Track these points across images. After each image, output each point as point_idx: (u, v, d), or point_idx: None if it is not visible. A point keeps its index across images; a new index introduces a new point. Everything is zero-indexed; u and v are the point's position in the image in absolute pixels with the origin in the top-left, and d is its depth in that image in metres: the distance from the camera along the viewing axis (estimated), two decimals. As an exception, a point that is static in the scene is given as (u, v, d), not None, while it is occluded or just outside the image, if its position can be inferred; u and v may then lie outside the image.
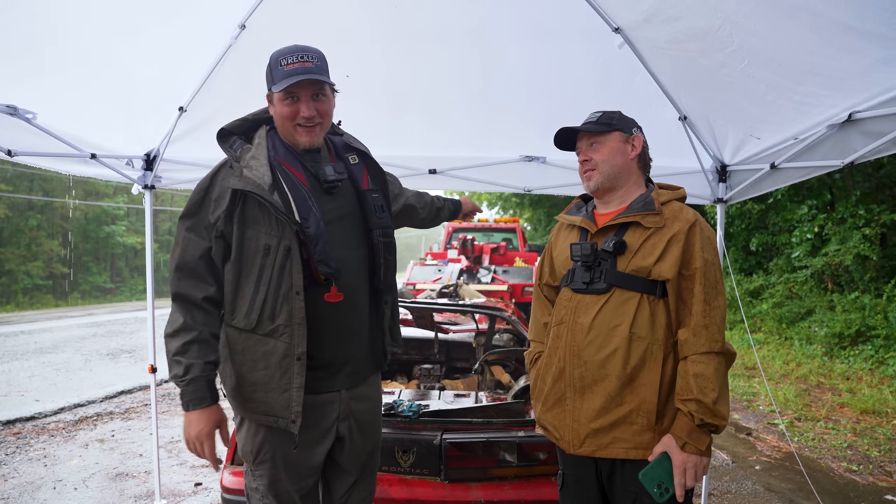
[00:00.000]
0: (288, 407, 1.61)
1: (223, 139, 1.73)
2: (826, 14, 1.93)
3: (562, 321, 1.73)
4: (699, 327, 1.56)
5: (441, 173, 3.69)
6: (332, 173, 1.70)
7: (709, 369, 1.53)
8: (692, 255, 1.61)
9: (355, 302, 1.75)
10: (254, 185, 1.59)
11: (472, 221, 1.85)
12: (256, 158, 1.64)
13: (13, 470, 4.23)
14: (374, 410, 1.87)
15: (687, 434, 1.52)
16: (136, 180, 3.35)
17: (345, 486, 1.83)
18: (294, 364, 1.60)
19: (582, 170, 1.81)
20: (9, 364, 8.45)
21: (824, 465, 4.48)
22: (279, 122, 1.70)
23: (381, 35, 2.75)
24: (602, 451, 1.63)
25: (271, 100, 1.70)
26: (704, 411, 1.50)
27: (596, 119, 1.80)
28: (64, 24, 2.34)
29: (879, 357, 7.14)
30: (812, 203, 9.27)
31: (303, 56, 1.61)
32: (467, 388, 3.39)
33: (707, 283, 1.59)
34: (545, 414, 1.77)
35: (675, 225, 1.64)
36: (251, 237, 1.61)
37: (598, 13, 2.56)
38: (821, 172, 2.79)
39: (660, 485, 1.51)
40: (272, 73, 1.65)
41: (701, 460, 1.53)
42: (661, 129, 3.11)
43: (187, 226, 1.64)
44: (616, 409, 1.61)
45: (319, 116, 1.67)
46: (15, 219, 24.27)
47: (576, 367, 1.67)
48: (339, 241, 1.69)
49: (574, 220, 1.82)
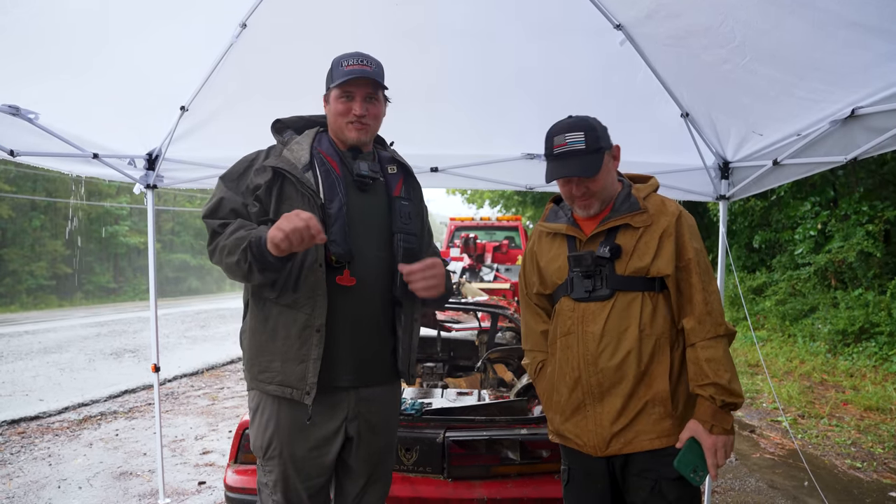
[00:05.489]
0: (303, 378, 1.65)
1: (277, 130, 1.87)
2: (829, 9, 1.93)
3: (569, 331, 1.73)
4: (703, 315, 1.62)
5: (443, 171, 3.69)
6: (366, 170, 1.78)
7: (718, 352, 1.60)
8: (683, 246, 1.66)
9: (369, 296, 1.76)
10: (287, 164, 1.71)
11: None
12: (299, 143, 1.78)
13: (18, 469, 4.25)
14: (386, 413, 1.86)
15: (712, 417, 1.57)
16: (138, 180, 3.36)
17: (356, 487, 1.84)
18: (313, 335, 1.66)
19: (576, 200, 1.71)
20: (13, 364, 8.48)
21: (828, 462, 4.47)
22: (332, 119, 1.79)
23: (382, 33, 2.74)
24: (628, 447, 1.66)
25: (328, 99, 1.81)
26: (723, 392, 1.57)
27: (584, 145, 1.63)
28: (65, 24, 2.35)
29: (883, 354, 7.12)
30: (815, 200, 9.25)
31: (363, 60, 1.74)
32: (470, 387, 3.39)
33: (701, 271, 1.65)
34: (565, 424, 1.76)
35: (663, 220, 1.67)
36: (286, 211, 1.66)
37: (600, 10, 2.55)
38: (824, 169, 2.78)
39: (695, 469, 1.59)
40: (332, 72, 1.77)
41: (729, 439, 1.59)
42: (664, 126, 3.11)
43: (226, 184, 1.76)
44: (634, 404, 1.65)
45: (370, 117, 1.77)
46: (19, 219, 24.37)
47: (592, 375, 1.68)
48: (362, 238, 1.73)
49: (559, 228, 1.80)
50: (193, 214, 34.57)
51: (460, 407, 2.60)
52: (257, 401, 1.77)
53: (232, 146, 3.12)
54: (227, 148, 3.24)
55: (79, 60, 2.58)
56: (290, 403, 1.70)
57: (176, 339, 11.32)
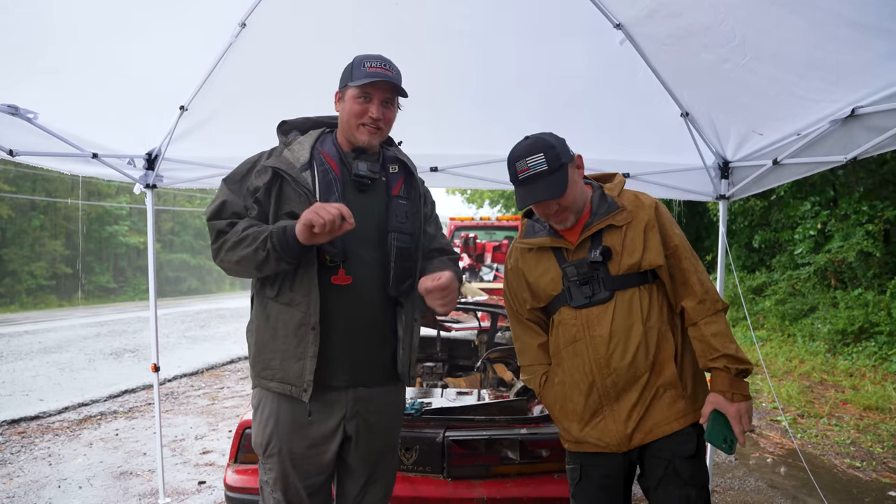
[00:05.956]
0: (301, 375, 1.68)
1: (283, 131, 1.87)
2: (829, 8, 1.92)
3: (576, 339, 1.74)
4: (702, 294, 1.70)
5: (443, 171, 3.68)
6: (365, 170, 1.78)
7: (721, 326, 1.68)
8: (667, 234, 1.74)
9: (366, 296, 1.76)
10: (285, 164, 1.72)
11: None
12: (301, 143, 1.79)
13: (18, 469, 4.25)
14: (386, 414, 1.86)
15: (730, 386, 1.64)
16: (137, 180, 3.35)
17: (356, 486, 1.85)
18: (309, 333, 1.68)
19: (551, 217, 1.72)
20: (13, 364, 8.48)
21: (827, 461, 4.47)
22: (345, 119, 1.78)
23: (382, 32, 2.74)
24: (649, 436, 1.70)
25: (342, 97, 1.80)
26: (735, 361, 1.64)
27: (546, 166, 1.63)
28: (64, 24, 2.34)
29: (883, 353, 7.12)
30: (815, 199, 9.25)
31: (385, 64, 1.75)
32: (470, 386, 3.39)
33: (689, 255, 1.74)
34: (584, 430, 1.76)
35: (642, 213, 1.73)
36: (285, 212, 1.72)
37: (600, 9, 2.55)
38: (824, 168, 2.78)
39: (725, 439, 1.64)
40: (353, 71, 1.75)
41: (749, 404, 1.65)
42: (663, 125, 3.11)
43: (229, 187, 1.78)
44: (647, 393, 1.70)
45: (384, 122, 1.79)
46: (18, 219, 24.35)
47: (606, 377, 1.70)
48: (358, 238, 1.73)
49: (543, 243, 1.79)
50: (193, 214, 34.57)
51: (460, 407, 2.60)
52: (258, 398, 1.79)
53: (232, 146, 3.13)
54: (226, 147, 3.25)
55: (78, 60, 2.57)
56: (290, 401, 1.71)
57: (176, 338, 11.32)
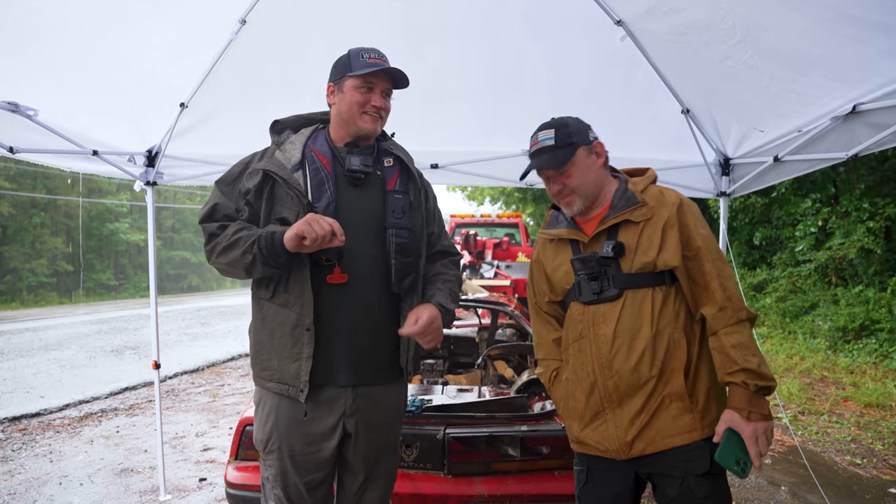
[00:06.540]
0: (297, 376, 1.69)
1: (276, 131, 1.87)
2: (830, 5, 1.92)
3: (581, 336, 1.70)
4: (724, 301, 1.58)
5: (443, 168, 3.68)
6: (357, 164, 1.76)
7: (743, 337, 1.55)
8: (690, 235, 1.62)
9: (365, 293, 1.75)
10: (276, 166, 1.72)
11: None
12: (293, 143, 1.79)
13: (19, 466, 4.26)
14: (386, 412, 1.86)
15: (748, 403, 1.52)
16: (138, 177, 3.36)
17: (355, 483, 1.85)
18: (304, 334, 1.68)
19: (559, 198, 1.72)
20: (14, 361, 8.50)
21: (828, 458, 4.47)
22: (345, 109, 1.77)
23: (382, 29, 2.73)
24: (650, 447, 1.62)
25: (339, 88, 1.78)
26: (755, 377, 1.51)
27: (553, 141, 1.66)
28: (64, 20, 2.34)
29: (884, 351, 7.12)
30: (816, 196, 9.23)
31: (382, 56, 1.78)
32: (470, 383, 3.39)
33: (714, 258, 1.61)
34: (585, 430, 1.73)
35: (663, 210, 1.64)
36: (277, 213, 1.73)
37: (600, 6, 2.55)
38: (825, 165, 2.78)
39: (738, 461, 1.52)
40: (351, 62, 1.75)
41: (768, 424, 1.53)
42: (664, 122, 3.11)
43: (221, 189, 1.79)
44: (652, 403, 1.62)
45: (384, 111, 1.80)
46: (19, 217, 24.38)
47: (608, 379, 1.64)
48: (353, 235, 1.71)
49: (560, 234, 1.78)
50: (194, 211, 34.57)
51: (460, 403, 2.60)
52: (259, 396, 1.81)
53: (232, 142, 3.13)
54: (226, 144, 3.25)
55: (78, 57, 2.57)
56: (289, 399, 1.72)
57: (176, 336, 11.33)
